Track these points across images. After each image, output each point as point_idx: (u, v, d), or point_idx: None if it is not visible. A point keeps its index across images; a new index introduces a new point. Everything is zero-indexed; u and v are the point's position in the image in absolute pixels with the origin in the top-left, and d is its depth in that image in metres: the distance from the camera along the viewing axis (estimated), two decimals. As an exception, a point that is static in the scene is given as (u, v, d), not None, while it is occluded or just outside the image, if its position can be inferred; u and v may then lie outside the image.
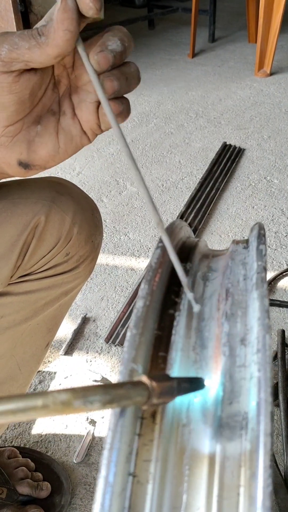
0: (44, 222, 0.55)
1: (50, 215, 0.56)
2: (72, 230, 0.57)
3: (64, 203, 0.57)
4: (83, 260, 0.60)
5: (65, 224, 0.57)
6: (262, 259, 0.42)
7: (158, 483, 0.31)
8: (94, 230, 0.60)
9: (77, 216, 0.58)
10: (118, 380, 0.30)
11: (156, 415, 0.32)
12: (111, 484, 0.28)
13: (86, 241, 0.59)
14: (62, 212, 0.57)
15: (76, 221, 0.58)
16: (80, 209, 0.58)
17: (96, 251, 0.62)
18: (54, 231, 0.56)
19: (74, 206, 0.58)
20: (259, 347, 0.32)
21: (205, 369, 0.36)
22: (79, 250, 0.59)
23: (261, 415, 0.28)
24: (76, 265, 0.60)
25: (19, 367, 0.64)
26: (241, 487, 0.29)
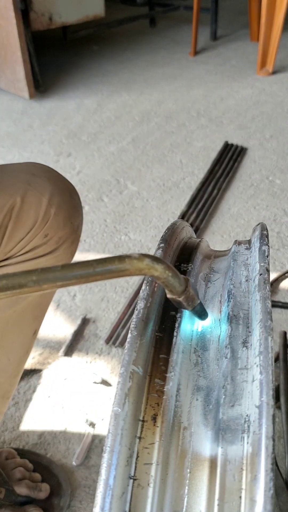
0: (20, 204, 0.56)
1: (26, 196, 0.56)
2: (49, 211, 0.58)
3: (40, 185, 0.58)
4: (62, 242, 0.60)
5: (41, 205, 0.57)
6: (264, 260, 0.42)
7: (159, 487, 0.31)
8: (72, 211, 0.60)
9: (54, 197, 0.58)
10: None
11: (157, 418, 0.32)
12: (111, 487, 0.28)
13: (65, 222, 0.59)
14: (38, 193, 0.57)
15: (53, 202, 0.58)
16: (57, 190, 0.59)
17: (76, 233, 0.62)
18: (31, 212, 0.57)
19: (51, 188, 0.58)
20: (261, 349, 0.32)
21: (206, 372, 0.36)
22: (58, 232, 0.59)
23: (263, 418, 0.28)
24: (56, 247, 0.60)
25: (8, 357, 0.64)
26: (242, 490, 0.29)
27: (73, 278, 0.31)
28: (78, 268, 0.31)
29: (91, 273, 0.31)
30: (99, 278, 0.31)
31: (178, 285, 0.35)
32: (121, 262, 0.31)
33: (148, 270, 0.32)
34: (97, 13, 2.55)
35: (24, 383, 0.99)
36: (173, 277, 0.34)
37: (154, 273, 0.32)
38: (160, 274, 0.33)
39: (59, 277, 0.31)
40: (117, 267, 0.31)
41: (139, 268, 0.32)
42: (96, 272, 0.31)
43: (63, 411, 0.94)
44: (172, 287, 0.35)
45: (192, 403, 0.33)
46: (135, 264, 0.31)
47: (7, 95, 2.42)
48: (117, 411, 0.30)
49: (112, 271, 0.31)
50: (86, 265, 0.31)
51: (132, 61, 2.90)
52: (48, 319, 1.15)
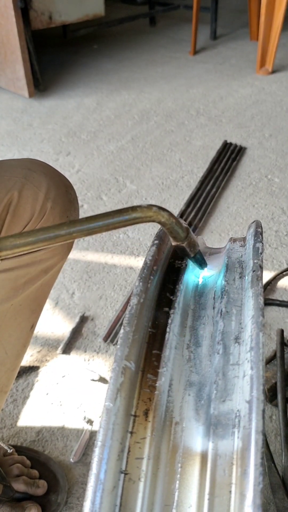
0: (17, 198, 0.57)
1: (23, 190, 0.57)
2: (46, 205, 0.58)
3: (37, 179, 0.58)
4: None
5: (38, 199, 0.58)
6: (258, 257, 0.42)
7: (150, 481, 0.31)
8: (68, 206, 0.61)
9: (51, 191, 0.59)
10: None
11: (149, 413, 0.32)
12: (102, 482, 0.28)
13: (61, 217, 0.60)
14: (35, 187, 0.58)
15: (49, 196, 0.59)
16: (53, 185, 0.60)
17: None
18: (28, 206, 0.57)
19: (47, 182, 0.59)
20: (252, 345, 0.32)
21: (198, 368, 0.36)
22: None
23: (253, 413, 0.28)
24: None
25: (5, 351, 0.65)
26: (232, 485, 0.29)
27: (97, 227, 0.37)
28: (99, 218, 0.37)
29: (110, 222, 0.37)
30: (118, 225, 0.38)
31: (181, 231, 0.41)
32: (134, 211, 0.37)
33: (156, 216, 0.38)
34: (97, 12, 2.55)
35: (22, 381, 1.00)
36: (177, 224, 0.40)
37: (161, 219, 0.38)
38: (166, 220, 0.39)
39: (85, 226, 0.37)
40: (131, 216, 0.37)
41: (149, 215, 0.38)
42: (115, 221, 0.37)
43: (61, 408, 0.94)
44: (176, 233, 0.40)
45: (184, 398, 0.34)
46: (145, 212, 0.37)
47: (7, 94, 2.42)
48: (108, 406, 0.30)
49: (128, 220, 0.37)
50: (106, 216, 0.37)
51: (132, 60, 2.90)
52: (46, 317, 1.15)
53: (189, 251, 0.42)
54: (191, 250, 0.42)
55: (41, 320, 1.08)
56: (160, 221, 0.38)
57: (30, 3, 2.23)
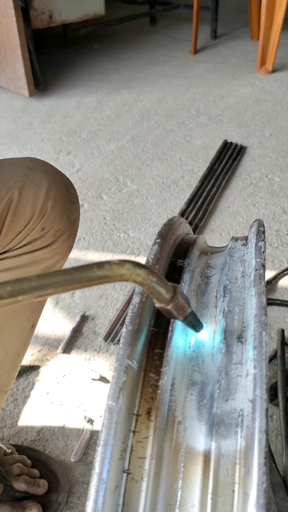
0: (17, 197, 0.57)
1: (24, 190, 0.57)
2: (47, 204, 0.58)
3: (37, 178, 0.58)
4: (59, 235, 0.61)
5: (39, 198, 0.58)
6: (260, 256, 0.42)
7: (153, 480, 0.31)
8: (69, 205, 0.61)
9: (51, 190, 0.59)
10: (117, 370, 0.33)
11: (151, 412, 0.32)
12: (104, 481, 0.28)
13: (62, 216, 0.60)
14: (35, 186, 0.58)
15: (50, 195, 0.58)
16: (54, 184, 0.59)
17: (73, 227, 0.63)
18: (28, 205, 0.57)
19: (48, 181, 0.59)
20: (255, 344, 0.32)
21: (201, 367, 0.36)
22: (55, 225, 0.60)
23: (256, 412, 0.28)
24: (53, 240, 0.61)
25: (6, 350, 0.64)
26: (235, 484, 0.29)
27: (50, 287, 0.29)
28: (55, 276, 0.29)
29: (69, 280, 0.29)
30: (78, 286, 0.30)
31: (165, 291, 0.33)
32: (101, 269, 0.30)
33: (129, 275, 0.31)
34: (97, 12, 2.55)
35: (23, 380, 1.00)
36: (158, 283, 0.32)
37: (137, 279, 0.31)
38: (143, 280, 0.31)
39: (35, 286, 0.29)
40: (97, 274, 0.30)
41: (120, 274, 0.30)
42: (75, 280, 0.29)
43: (62, 407, 0.94)
44: (158, 294, 0.32)
45: (187, 397, 0.34)
46: (116, 270, 0.30)
47: (7, 93, 2.42)
48: (111, 405, 0.30)
49: (92, 278, 0.30)
50: (63, 273, 0.30)
51: (132, 60, 2.90)
52: (47, 316, 1.15)
53: (177, 314, 0.34)
54: (179, 313, 0.34)
55: (42, 320, 1.08)
56: (135, 281, 0.31)
57: (31, 2, 2.23)
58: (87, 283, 0.30)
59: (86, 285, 0.30)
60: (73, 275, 0.29)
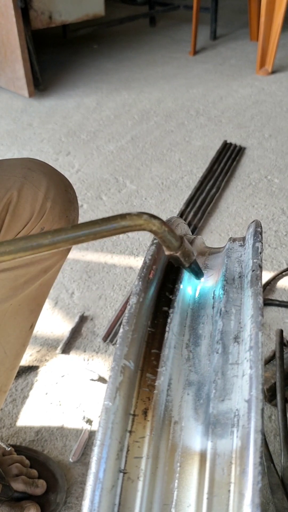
0: (17, 198, 0.57)
1: (23, 190, 0.57)
2: (46, 205, 0.58)
3: (36, 179, 0.59)
4: None
5: (38, 199, 0.58)
6: (257, 257, 0.42)
7: (149, 480, 0.31)
8: (68, 206, 0.61)
9: (50, 191, 0.59)
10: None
11: (148, 412, 0.32)
12: (101, 481, 0.28)
13: (61, 216, 0.60)
14: (34, 187, 0.58)
15: (49, 196, 0.59)
16: (53, 184, 0.60)
17: None
18: (27, 206, 0.57)
19: (47, 182, 0.59)
20: (251, 344, 0.32)
21: (197, 367, 0.36)
22: (53, 225, 0.60)
23: (252, 412, 0.28)
24: None
25: (5, 350, 0.65)
26: (231, 484, 0.29)
27: (83, 235, 0.35)
28: (86, 226, 0.35)
29: (98, 230, 0.34)
30: (105, 234, 0.35)
31: (174, 240, 0.38)
32: (123, 219, 0.35)
33: (147, 224, 0.35)
34: (97, 12, 2.55)
35: (22, 380, 1.00)
36: (169, 233, 0.37)
37: (152, 228, 0.36)
38: (158, 228, 0.36)
39: (71, 235, 0.34)
40: (120, 224, 0.35)
41: (139, 224, 0.35)
42: (102, 229, 0.34)
43: (60, 408, 0.94)
44: (169, 242, 0.38)
45: (183, 397, 0.34)
46: (135, 220, 0.35)
47: (6, 93, 2.42)
48: (108, 405, 0.30)
49: (116, 228, 0.35)
50: (93, 224, 0.35)
51: (132, 60, 2.90)
52: (45, 317, 1.15)
53: (184, 261, 0.40)
54: (185, 260, 0.40)
55: (41, 320, 1.08)
56: (151, 230, 0.36)
57: (30, 2, 2.23)
58: (113, 231, 0.35)
59: (112, 233, 0.35)
60: (101, 225, 0.35)
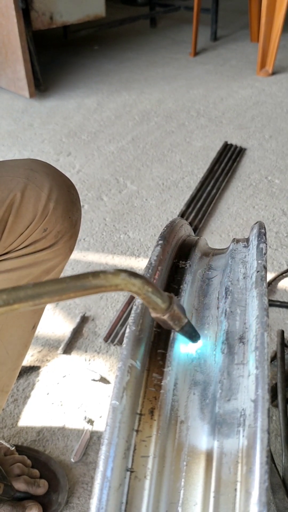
0: (20, 198, 0.57)
1: (26, 191, 0.57)
2: (48, 206, 0.59)
3: (39, 180, 0.59)
4: (61, 236, 0.61)
5: (41, 199, 0.58)
6: (262, 258, 0.42)
7: (156, 479, 0.31)
8: (71, 206, 0.61)
9: (53, 192, 0.59)
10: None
11: (154, 412, 0.33)
12: (108, 479, 0.29)
13: (63, 217, 0.60)
14: (37, 188, 0.58)
15: (52, 197, 0.59)
16: (55, 185, 0.60)
17: (74, 228, 0.63)
18: (30, 207, 0.58)
19: (50, 183, 0.59)
20: (257, 345, 0.32)
21: (203, 367, 0.37)
22: (56, 226, 0.60)
23: (258, 412, 0.29)
24: (55, 241, 0.61)
25: (7, 351, 0.65)
26: (237, 482, 0.29)
27: (46, 296, 0.29)
28: (50, 285, 0.29)
29: (64, 289, 0.30)
30: (73, 295, 0.30)
31: (161, 301, 0.33)
32: (96, 278, 0.30)
33: (125, 285, 0.31)
34: (97, 13, 2.56)
35: (23, 380, 1.00)
36: (154, 293, 0.32)
37: (132, 289, 0.31)
38: (139, 289, 0.31)
39: (31, 295, 0.29)
40: (92, 284, 0.30)
41: (115, 284, 0.30)
42: (70, 289, 0.30)
43: (62, 408, 0.94)
44: (154, 304, 0.32)
45: (189, 397, 0.34)
46: (111, 279, 0.30)
47: (7, 94, 2.43)
48: (115, 404, 0.30)
49: (87, 288, 0.30)
50: (59, 282, 0.30)
51: (133, 61, 2.91)
52: (47, 317, 1.15)
53: (173, 324, 0.34)
54: (175, 323, 0.34)
55: (42, 320, 1.09)
56: (130, 291, 0.31)
57: (31, 3, 2.23)
58: (82, 292, 0.30)
59: (81, 294, 0.30)
60: (68, 284, 0.30)
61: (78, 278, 0.30)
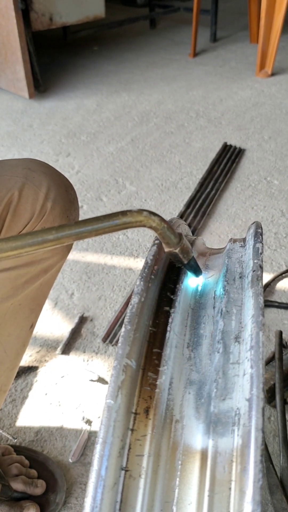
0: (17, 198, 0.57)
1: (24, 190, 0.58)
2: (46, 205, 0.59)
3: (37, 179, 0.59)
4: None
5: (38, 199, 0.58)
6: (258, 257, 0.42)
7: (150, 478, 0.31)
8: (68, 206, 0.61)
9: (51, 191, 0.59)
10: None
11: (150, 411, 0.33)
12: (103, 478, 0.29)
13: (61, 216, 0.61)
14: (35, 187, 0.58)
15: (49, 196, 0.59)
16: (53, 185, 0.60)
17: None
18: (28, 206, 0.58)
19: (48, 182, 0.59)
20: (252, 344, 0.32)
21: (199, 366, 0.37)
22: (54, 225, 0.60)
23: (252, 411, 0.29)
24: None
25: (5, 350, 0.65)
26: (232, 481, 0.29)
27: (86, 231, 0.36)
28: (89, 223, 0.36)
29: (100, 226, 0.36)
30: (107, 230, 0.36)
31: (173, 237, 0.39)
32: (124, 216, 0.36)
33: (147, 221, 0.37)
34: (97, 14, 2.56)
35: (21, 381, 1.00)
36: (169, 230, 0.39)
37: (152, 224, 0.37)
38: (157, 225, 0.38)
39: (74, 231, 0.36)
40: (122, 220, 0.36)
41: (139, 220, 0.36)
42: (104, 225, 0.36)
43: (60, 408, 0.94)
44: (168, 239, 0.39)
45: (184, 396, 0.34)
46: (136, 216, 0.36)
47: (7, 95, 2.43)
48: (110, 403, 0.30)
49: (118, 224, 0.36)
50: (95, 220, 0.36)
51: (132, 62, 2.91)
52: (45, 317, 1.15)
53: (182, 257, 0.41)
54: (184, 256, 0.41)
55: (40, 321, 1.09)
56: (151, 226, 0.37)
57: (31, 4, 2.24)
58: (115, 227, 0.36)
59: (114, 229, 0.36)
60: (103, 221, 0.36)
61: (111, 216, 0.36)
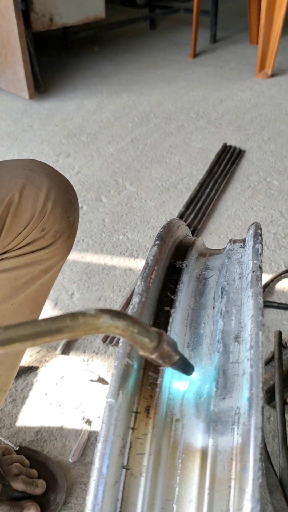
0: (18, 198, 0.58)
1: (24, 191, 0.58)
2: (46, 206, 0.59)
3: (37, 180, 0.59)
4: (59, 236, 0.62)
5: (39, 200, 0.59)
6: (258, 258, 0.42)
7: (151, 476, 0.31)
8: (69, 206, 0.62)
9: (51, 192, 0.60)
10: (116, 369, 0.33)
11: (150, 410, 0.33)
12: (104, 476, 0.29)
13: (61, 217, 0.61)
14: (35, 188, 0.59)
15: (50, 197, 0.59)
16: (54, 185, 0.60)
17: (72, 228, 0.64)
18: (29, 207, 0.58)
19: (48, 183, 0.60)
20: (252, 343, 0.33)
21: (199, 366, 0.37)
22: (54, 226, 0.61)
23: (252, 410, 0.29)
24: (53, 241, 0.62)
25: None
26: (232, 480, 0.29)
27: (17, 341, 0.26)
28: (23, 328, 0.26)
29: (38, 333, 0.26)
30: (49, 339, 0.27)
31: (149, 341, 0.30)
32: (74, 320, 0.27)
33: (106, 328, 0.28)
34: (97, 15, 2.57)
35: (22, 381, 1.00)
36: (141, 333, 0.29)
37: (115, 331, 0.28)
38: (123, 331, 0.28)
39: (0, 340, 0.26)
40: (69, 327, 0.27)
41: (96, 327, 0.27)
42: (45, 333, 0.26)
43: (60, 408, 0.95)
44: (141, 344, 0.30)
45: (185, 395, 0.34)
46: (91, 322, 0.27)
47: (7, 95, 2.43)
48: (111, 402, 0.31)
49: (64, 332, 0.27)
50: (32, 325, 0.27)
51: (132, 63, 2.92)
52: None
53: (163, 362, 0.32)
54: (165, 361, 0.31)
55: (40, 318, 1.09)
56: (113, 333, 0.28)
57: (31, 5, 2.24)
58: (59, 336, 0.27)
59: (58, 338, 0.27)
60: (43, 328, 0.26)
61: (54, 321, 0.27)
